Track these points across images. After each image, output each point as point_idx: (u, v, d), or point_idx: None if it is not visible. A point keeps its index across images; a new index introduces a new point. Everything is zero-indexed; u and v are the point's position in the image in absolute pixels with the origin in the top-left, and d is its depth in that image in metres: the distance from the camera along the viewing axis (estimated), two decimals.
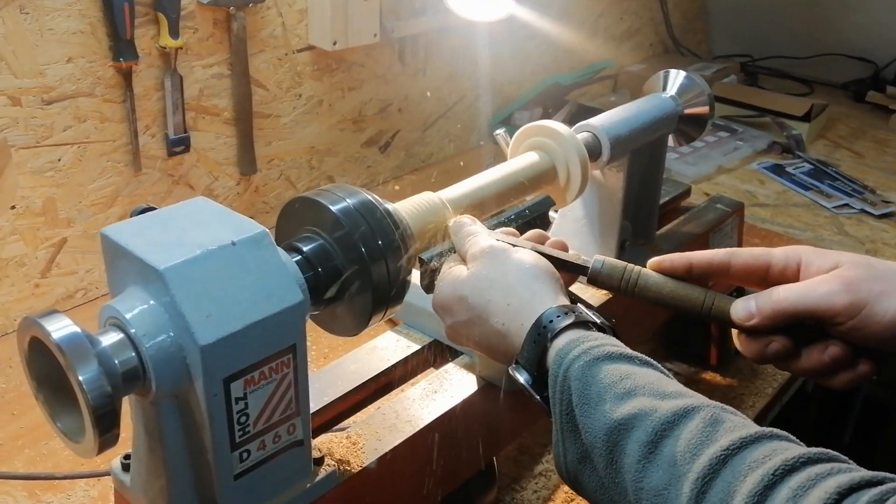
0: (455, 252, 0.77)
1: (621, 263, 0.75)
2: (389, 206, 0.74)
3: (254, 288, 0.60)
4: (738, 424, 0.55)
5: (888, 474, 0.49)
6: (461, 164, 1.88)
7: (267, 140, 1.50)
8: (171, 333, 0.57)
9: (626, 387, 0.59)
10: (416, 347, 0.91)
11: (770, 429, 0.55)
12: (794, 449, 0.52)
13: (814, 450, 0.52)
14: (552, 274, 0.71)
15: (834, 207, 1.79)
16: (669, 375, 0.62)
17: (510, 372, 0.68)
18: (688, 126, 1.12)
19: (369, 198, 0.72)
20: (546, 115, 2.00)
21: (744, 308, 0.69)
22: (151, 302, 0.58)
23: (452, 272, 0.73)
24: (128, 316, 0.57)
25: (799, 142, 2.05)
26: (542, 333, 0.65)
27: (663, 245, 1.14)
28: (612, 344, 0.63)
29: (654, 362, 0.63)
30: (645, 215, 1.12)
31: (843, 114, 2.31)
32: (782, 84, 2.45)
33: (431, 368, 0.91)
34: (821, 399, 1.75)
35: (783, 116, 2.12)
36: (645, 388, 0.58)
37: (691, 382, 1.24)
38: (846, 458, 0.52)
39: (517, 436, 0.96)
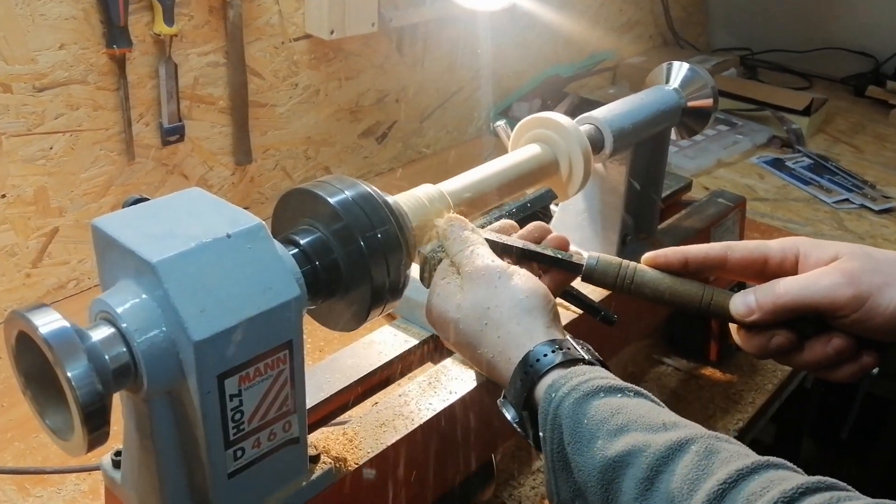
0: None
1: (616, 260, 0.73)
2: (389, 198, 0.72)
3: (249, 282, 0.58)
4: (734, 454, 0.54)
5: (888, 501, 0.48)
6: (459, 155, 1.86)
7: (263, 129, 1.49)
8: (164, 328, 0.55)
9: (619, 422, 0.57)
10: (415, 342, 0.89)
11: (766, 457, 0.53)
12: (792, 479, 0.51)
13: (812, 479, 0.51)
14: (546, 303, 0.69)
15: (834, 202, 1.77)
16: (661, 404, 0.61)
17: (498, 405, 0.67)
18: (691, 119, 1.10)
19: (368, 190, 0.70)
20: (545, 107, 1.98)
21: (743, 303, 0.68)
22: (143, 296, 0.56)
23: (447, 289, 0.72)
24: (119, 310, 0.56)
25: (799, 136, 2.04)
26: (528, 372, 0.64)
27: (665, 240, 1.13)
28: (602, 376, 0.61)
29: (645, 392, 0.62)
30: (647, 209, 1.10)
31: (842, 108, 2.30)
32: (782, 78, 2.43)
33: (430, 363, 0.90)
34: (820, 395, 1.74)
35: (783, 110, 2.10)
36: (637, 421, 0.57)
37: (691, 378, 1.23)
38: (845, 484, 0.51)
39: (516, 432, 0.94)
